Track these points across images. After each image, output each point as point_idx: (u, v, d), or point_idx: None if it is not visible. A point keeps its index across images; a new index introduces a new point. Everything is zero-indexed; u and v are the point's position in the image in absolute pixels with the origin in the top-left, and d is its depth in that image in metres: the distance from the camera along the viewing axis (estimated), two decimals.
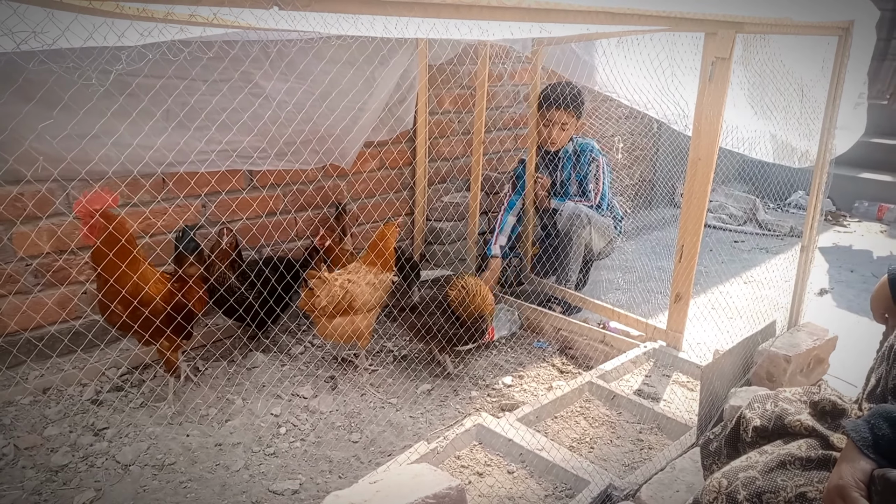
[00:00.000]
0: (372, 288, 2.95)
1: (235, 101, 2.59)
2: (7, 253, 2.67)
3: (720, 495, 1.43)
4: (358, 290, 2.89)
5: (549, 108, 3.62)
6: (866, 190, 6.12)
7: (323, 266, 3.00)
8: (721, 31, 2.50)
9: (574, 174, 3.82)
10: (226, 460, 2.37)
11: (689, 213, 2.80)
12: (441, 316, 2.98)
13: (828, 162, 2.86)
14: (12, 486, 2.19)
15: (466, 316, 2.97)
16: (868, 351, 2.35)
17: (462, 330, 2.95)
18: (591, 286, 4.00)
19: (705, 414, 2.29)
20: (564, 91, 3.58)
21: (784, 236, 5.35)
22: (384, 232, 3.09)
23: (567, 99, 3.58)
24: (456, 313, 2.98)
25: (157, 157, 2.43)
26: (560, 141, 3.73)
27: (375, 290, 2.96)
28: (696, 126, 2.69)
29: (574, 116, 3.68)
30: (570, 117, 3.67)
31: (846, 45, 2.71)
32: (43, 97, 2.20)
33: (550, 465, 2.22)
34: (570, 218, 3.61)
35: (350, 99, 3.14)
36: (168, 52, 1.85)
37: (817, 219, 2.93)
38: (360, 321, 2.90)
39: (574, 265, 3.66)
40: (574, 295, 3.66)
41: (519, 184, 3.88)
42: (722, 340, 3.18)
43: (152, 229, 3.02)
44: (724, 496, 1.42)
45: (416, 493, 1.63)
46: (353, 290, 2.88)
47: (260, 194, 3.36)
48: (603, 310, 3.45)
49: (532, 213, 3.86)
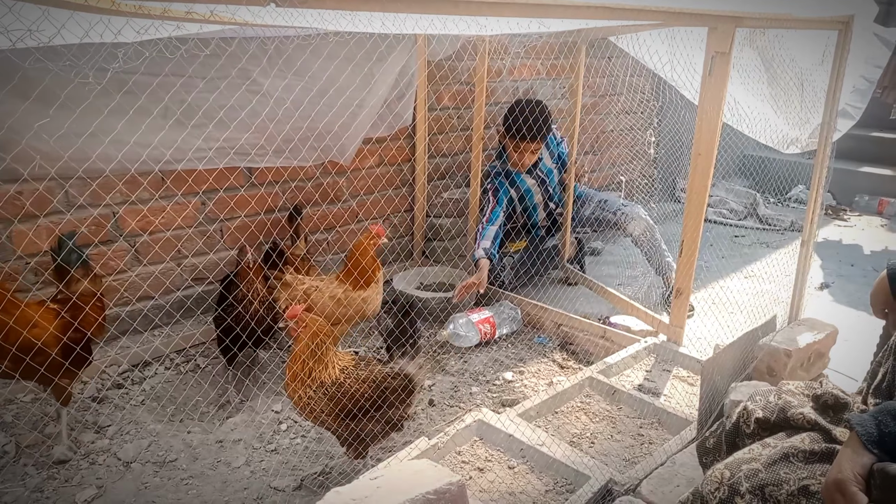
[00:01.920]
0: (335, 303, 2.77)
1: (233, 99, 2.58)
2: (6, 251, 2.67)
3: (722, 486, 1.42)
4: (320, 300, 2.76)
5: (521, 139, 3.54)
6: (867, 184, 6.11)
7: (290, 269, 2.89)
8: (721, 25, 2.49)
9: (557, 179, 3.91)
10: (227, 457, 2.38)
11: (689, 209, 2.80)
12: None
13: (828, 156, 2.85)
14: (14, 483, 2.20)
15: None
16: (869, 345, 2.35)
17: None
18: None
19: (706, 408, 2.29)
20: (537, 119, 3.48)
21: (784, 231, 5.34)
22: (360, 242, 2.86)
23: (539, 129, 3.51)
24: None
25: (155, 155, 2.42)
26: (526, 164, 3.74)
27: (339, 306, 2.77)
28: (699, 122, 2.68)
29: (542, 141, 3.65)
30: (539, 143, 3.64)
31: (846, 40, 2.70)
32: (40, 95, 2.19)
33: (551, 461, 2.22)
34: (641, 219, 3.76)
35: (348, 95, 3.13)
36: (165, 49, 1.84)
37: (818, 213, 2.92)
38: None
39: (667, 255, 3.75)
40: (595, 283, 3.75)
41: (498, 196, 3.78)
42: (722, 335, 3.18)
43: (150, 227, 3.02)
44: (726, 487, 1.42)
45: (416, 488, 1.63)
46: (315, 299, 2.77)
47: (258, 191, 3.36)
48: (619, 300, 3.51)
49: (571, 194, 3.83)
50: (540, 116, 3.50)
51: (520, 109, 3.49)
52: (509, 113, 3.54)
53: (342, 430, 2.14)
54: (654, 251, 3.75)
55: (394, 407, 2.18)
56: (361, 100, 3.22)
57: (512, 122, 3.48)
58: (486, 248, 3.61)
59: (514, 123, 3.47)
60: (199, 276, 3.25)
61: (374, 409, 2.13)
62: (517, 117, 3.46)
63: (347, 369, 2.16)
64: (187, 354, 3.06)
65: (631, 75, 4.87)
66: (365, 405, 2.12)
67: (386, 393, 2.16)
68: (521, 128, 3.46)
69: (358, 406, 2.11)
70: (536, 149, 3.67)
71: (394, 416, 2.19)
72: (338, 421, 2.12)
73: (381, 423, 2.17)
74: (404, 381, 2.21)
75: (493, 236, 3.66)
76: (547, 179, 3.88)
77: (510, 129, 3.53)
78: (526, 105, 3.51)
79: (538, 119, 3.49)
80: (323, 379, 2.10)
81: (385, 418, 2.17)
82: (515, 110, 3.50)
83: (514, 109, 3.52)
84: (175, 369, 2.96)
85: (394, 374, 2.20)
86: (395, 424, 2.22)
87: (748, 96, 3.07)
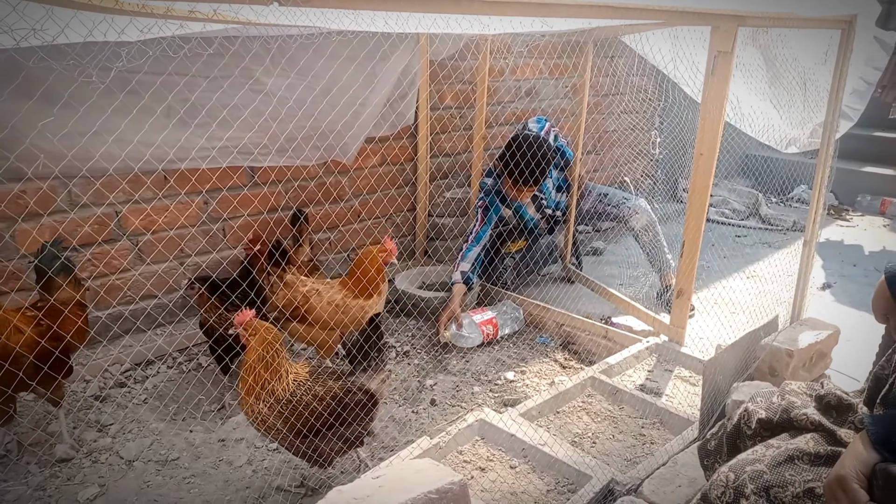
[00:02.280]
0: (333, 308, 2.69)
1: (236, 98, 2.58)
2: (10, 250, 2.67)
3: (728, 489, 1.43)
4: (318, 304, 2.69)
5: (517, 182, 3.34)
6: (869, 184, 6.09)
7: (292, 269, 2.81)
8: (723, 24, 2.49)
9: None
10: (229, 456, 2.38)
11: (690, 208, 2.79)
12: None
13: (831, 155, 2.84)
14: (17, 481, 2.20)
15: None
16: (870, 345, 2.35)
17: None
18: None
19: (707, 408, 2.29)
20: (529, 164, 3.25)
21: (786, 231, 5.34)
22: (370, 251, 2.78)
23: (534, 174, 3.29)
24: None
25: (159, 154, 2.43)
26: (525, 198, 3.61)
27: (336, 312, 2.69)
28: (701, 122, 2.68)
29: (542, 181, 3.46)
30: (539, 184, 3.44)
31: (849, 39, 2.69)
32: (43, 94, 2.19)
33: (552, 460, 2.22)
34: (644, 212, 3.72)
35: (351, 95, 3.13)
36: (168, 48, 1.85)
37: (820, 213, 2.92)
38: (316, 333, 2.71)
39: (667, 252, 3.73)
40: (595, 283, 3.73)
41: (488, 215, 3.58)
42: (724, 335, 3.18)
43: (153, 226, 3.02)
44: (731, 490, 1.42)
45: (418, 487, 1.63)
46: (314, 303, 2.69)
47: (261, 191, 3.36)
48: (619, 301, 3.50)
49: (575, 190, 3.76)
50: (539, 156, 3.30)
51: (517, 147, 3.28)
52: (506, 149, 3.36)
53: (302, 446, 2.04)
54: (655, 247, 3.72)
55: (352, 425, 2.08)
56: (364, 99, 3.22)
57: (510, 160, 3.28)
58: (465, 271, 3.42)
59: (512, 163, 3.27)
60: (202, 275, 3.25)
61: (329, 428, 2.03)
62: (515, 157, 3.26)
63: (305, 383, 2.06)
64: (190, 353, 3.07)
65: (634, 75, 4.86)
66: (323, 422, 2.01)
67: (345, 410, 2.05)
68: (520, 170, 3.26)
69: (319, 421, 2.01)
70: (532, 189, 3.50)
71: (352, 434, 2.10)
72: (299, 437, 2.01)
73: (338, 442, 2.07)
74: (364, 397, 2.11)
75: (473, 259, 3.47)
76: (545, 201, 3.76)
77: (508, 168, 3.31)
78: (525, 145, 3.29)
79: (539, 163, 3.29)
80: (278, 393, 1.99)
81: (342, 437, 2.07)
82: (513, 148, 3.30)
83: (512, 147, 3.31)
84: (177, 368, 2.97)
85: (354, 389, 2.10)
86: (353, 442, 2.13)
87: (750, 95, 3.07)
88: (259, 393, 1.99)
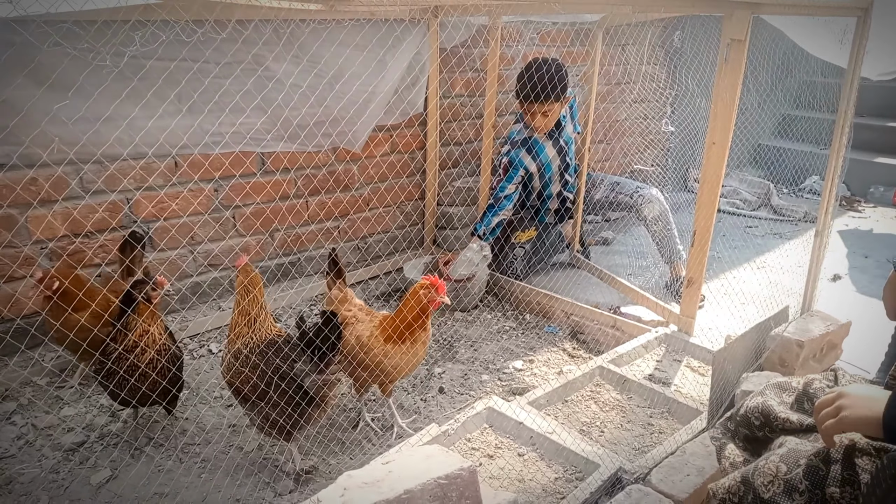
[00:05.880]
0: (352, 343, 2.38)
1: (249, 83, 2.58)
2: (23, 235, 2.69)
3: (776, 480, 1.35)
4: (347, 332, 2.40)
5: (527, 100, 3.47)
6: (881, 175, 6.04)
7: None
8: (737, 12, 2.46)
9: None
10: (239, 441, 2.40)
11: (701, 198, 2.78)
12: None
13: (844, 145, 2.82)
14: (31, 465, 2.23)
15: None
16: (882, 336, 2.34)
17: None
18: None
19: (716, 398, 2.29)
20: (542, 78, 3.35)
21: (798, 221, 5.30)
22: (416, 290, 2.33)
23: (545, 90, 3.39)
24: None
25: (171, 140, 2.43)
26: (546, 125, 3.62)
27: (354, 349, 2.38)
28: (714, 110, 2.66)
29: (557, 101, 3.51)
30: (553, 104, 3.51)
31: (865, 26, 2.66)
32: (57, 79, 2.20)
33: (561, 449, 2.23)
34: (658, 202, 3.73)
35: (362, 82, 3.13)
36: (182, 33, 1.85)
37: (833, 203, 2.89)
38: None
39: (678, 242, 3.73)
40: (604, 272, 3.73)
41: (508, 174, 3.67)
42: (734, 326, 3.17)
43: (165, 212, 3.03)
44: (780, 481, 1.34)
45: (428, 473, 1.64)
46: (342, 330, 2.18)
47: (273, 177, 3.37)
48: (628, 290, 3.49)
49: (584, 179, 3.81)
50: (555, 75, 3.38)
51: (527, 69, 3.41)
52: (525, 70, 3.47)
53: (250, 409, 2.00)
54: (667, 237, 3.71)
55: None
56: (374, 86, 3.22)
57: (518, 82, 3.42)
58: (485, 231, 3.62)
59: (520, 83, 3.42)
60: (213, 261, 3.27)
61: (262, 397, 1.96)
62: (522, 79, 3.40)
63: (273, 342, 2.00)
64: (201, 339, 3.09)
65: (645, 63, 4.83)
66: (259, 392, 1.95)
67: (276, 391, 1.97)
68: (528, 92, 3.40)
69: (254, 392, 1.94)
70: (549, 110, 3.54)
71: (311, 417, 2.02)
72: (240, 396, 1.96)
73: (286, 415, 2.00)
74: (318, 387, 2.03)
75: (494, 224, 3.64)
76: (566, 147, 3.79)
77: (518, 95, 3.48)
78: (534, 65, 3.40)
79: (552, 78, 3.37)
80: (241, 343, 1.92)
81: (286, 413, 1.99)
82: (524, 80, 3.44)
83: (525, 70, 3.45)
84: (189, 354, 2.99)
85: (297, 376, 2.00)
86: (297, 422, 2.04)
87: None
88: (232, 339, 1.96)
